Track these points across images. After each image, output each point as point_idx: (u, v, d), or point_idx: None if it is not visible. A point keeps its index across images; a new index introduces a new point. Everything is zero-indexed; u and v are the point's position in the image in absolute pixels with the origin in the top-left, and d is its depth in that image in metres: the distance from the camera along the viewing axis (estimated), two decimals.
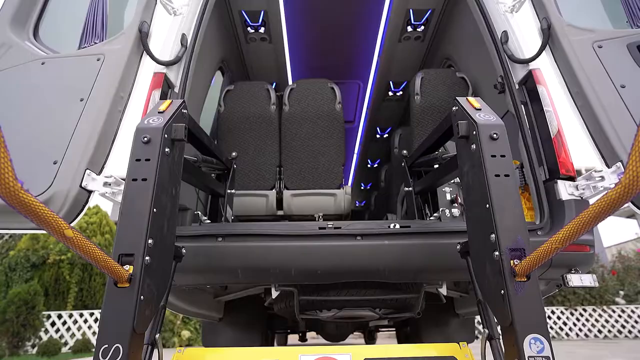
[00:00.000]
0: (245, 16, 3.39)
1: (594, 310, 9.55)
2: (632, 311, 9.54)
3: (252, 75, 4.17)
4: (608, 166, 1.87)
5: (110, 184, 1.88)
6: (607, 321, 9.48)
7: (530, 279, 1.20)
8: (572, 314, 9.58)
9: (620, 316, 9.50)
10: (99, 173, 1.89)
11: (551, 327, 9.52)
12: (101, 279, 9.05)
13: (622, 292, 10.04)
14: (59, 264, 8.64)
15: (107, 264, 1.09)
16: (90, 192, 1.83)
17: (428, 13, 3.41)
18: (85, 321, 8.40)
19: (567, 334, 9.45)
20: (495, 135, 1.41)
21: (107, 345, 1.11)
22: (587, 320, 9.52)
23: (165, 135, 1.44)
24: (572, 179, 1.94)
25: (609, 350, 6.27)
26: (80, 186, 1.78)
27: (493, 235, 1.28)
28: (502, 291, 1.20)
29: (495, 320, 1.29)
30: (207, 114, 3.24)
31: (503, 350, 1.25)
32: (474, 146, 1.45)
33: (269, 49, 3.82)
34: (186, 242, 1.74)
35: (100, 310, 8.54)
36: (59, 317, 8.23)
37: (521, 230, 1.27)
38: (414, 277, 1.97)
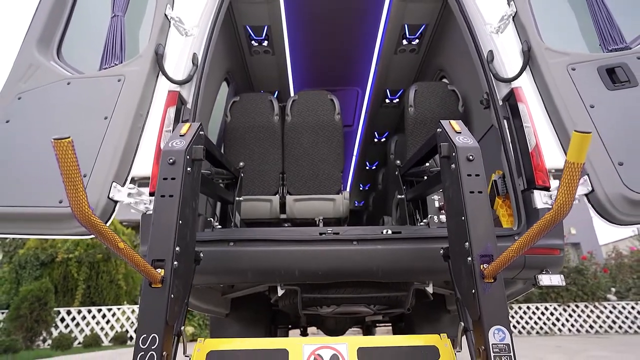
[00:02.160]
0: (250, 31, 3.60)
1: (586, 306, 9.82)
2: (623, 307, 9.82)
3: (255, 85, 4.38)
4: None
5: (132, 195, 2.11)
6: (598, 317, 9.76)
7: (496, 280, 1.43)
8: (565, 310, 9.85)
9: (611, 312, 9.78)
10: (123, 185, 2.11)
11: (544, 323, 9.80)
12: (107, 276, 9.32)
13: (613, 289, 10.31)
14: (67, 262, 8.89)
15: (145, 268, 1.33)
16: (116, 202, 2.06)
17: (422, 28, 3.62)
18: (94, 317, 8.68)
19: (559, 330, 9.72)
20: (471, 157, 1.63)
21: (145, 335, 1.34)
22: (579, 316, 9.79)
23: (187, 157, 1.67)
24: (547, 189, 2.16)
25: (597, 344, 6.53)
26: (108, 197, 2.00)
27: (467, 243, 1.51)
28: (473, 290, 1.43)
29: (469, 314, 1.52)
30: (211, 120, 3.45)
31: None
32: (453, 166, 1.67)
33: (271, 60, 4.03)
34: (202, 246, 1.96)
35: (107, 307, 8.82)
36: (68, 313, 8.52)
37: (490, 239, 1.50)
38: (403, 277, 2.21)
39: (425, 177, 2.55)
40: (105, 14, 2.68)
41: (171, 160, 1.62)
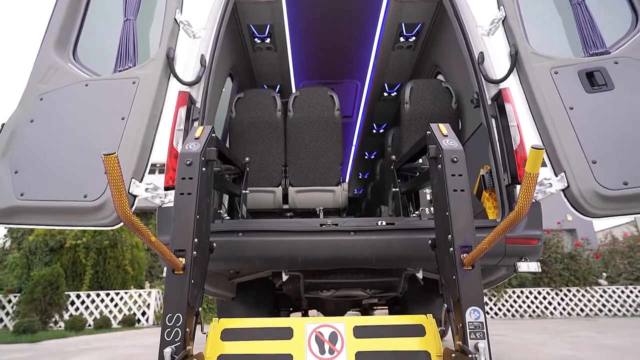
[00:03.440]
0: (253, 29, 3.74)
1: (577, 290, 10.15)
2: (613, 291, 10.16)
3: (258, 79, 4.53)
4: (556, 175, 2.29)
5: (149, 190, 2.31)
6: (589, 301, 10.10)
7: (474, 268, 1.64)
8: (557, 294, 10.18)
9: (601, 296, 10.13)
10: (141, 181, 2.31)
11: (537, 307, 10.14)
12: (114, 262, 9.65)
13: (605, 274, 10.62)
14: (75, 248, 9.21)
15: (170, 257, 1.54)
16: (135, 196, 2.26)
17: (418, 26, 3.76)
18: (102, 301, 9.04)
19: (551, 313, 10.07)
20: (455, 159, 1.82)
21: (171, 314, 1.56)
22: (570, 300, 10.13)
23: (202, 158, 1.86)
24: None
25: (584, 326, 6.84)
26: (128, 192, 2.20)
27: (450, 236, 1.72)
28: (454, 276, 1.65)
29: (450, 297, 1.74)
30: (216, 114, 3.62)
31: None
32: (440, 166, 1.87)
33: (274, 56, 4.17)
34: (214, 236, 2.17)
35: (115, 291, 9.13)
36: (78, 297, 8.88)
37: (470, 232, 1.71)
38: (396, 264, 2.43)
39: (418, 174, 2.76)
40: (113, 16, 2.82)
41: (188, 162, 1.82)
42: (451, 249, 1.69)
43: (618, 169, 2.13)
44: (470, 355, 1.48)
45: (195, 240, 1.71)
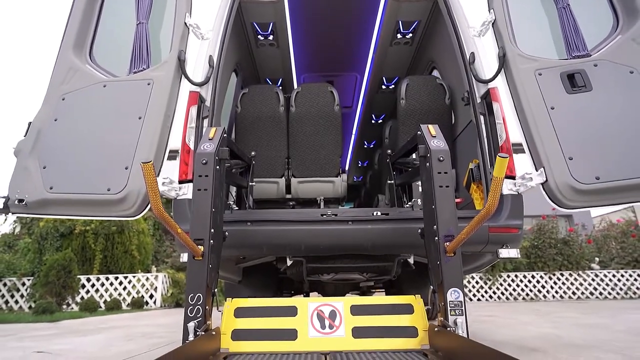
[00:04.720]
0: (257, 27, 3.90)
1: (570, 274, 10.49)
2: (605, 275, 10.48)
3: (261, 74, 4.70)
4: (536, 170, 2.50)
5: (166, 183, 2.53)
6: (581, 284, 10.44)
7: (455, 255, 1.88)
8: (550, 278, 10.52)
9: (593, 280, 10.46)
10: (158, 175, 2.53)
11: (530, 290, 10.49)
12: (122, 247, 10.01)
13: (597, 259, 10.93)
14: (84, 234, 9.55)
15: (192, 245, 1.78)
16: None
17: (415, 24, 3.91)
18: (111, 284, 9.41)
19: (544, 296, 10.42)
20: (441, 158, 2.04)
21: (192, 294, 1.81)
22: (563, 283, 10.47)
23: (216, 157, 2.08)
24: (513, 178, 2.57)
25: (572, 308, 7.16)
26: None
27: (435, 226, 1.95)
28: (438, 262, 1.89)
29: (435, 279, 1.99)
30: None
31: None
32: (428, 164, 2.09)
33: (276, 52, 4.34)
34: (225, 226, 2.40)
35: (123, 275, 9.47)
36: (88, 280, 9.25)
37: (453, 223, 1.94)
38: (389, 250, 2.68)
39: (410, 169, 2.98)
40: (124, 18, 2.99)
41: (204, 161, 2.04)
42: (436, 238, 1.92)
43: (591, 165, 2.34)
44: (449, 329, 1.73)
45: (212, 230, 1.94)
